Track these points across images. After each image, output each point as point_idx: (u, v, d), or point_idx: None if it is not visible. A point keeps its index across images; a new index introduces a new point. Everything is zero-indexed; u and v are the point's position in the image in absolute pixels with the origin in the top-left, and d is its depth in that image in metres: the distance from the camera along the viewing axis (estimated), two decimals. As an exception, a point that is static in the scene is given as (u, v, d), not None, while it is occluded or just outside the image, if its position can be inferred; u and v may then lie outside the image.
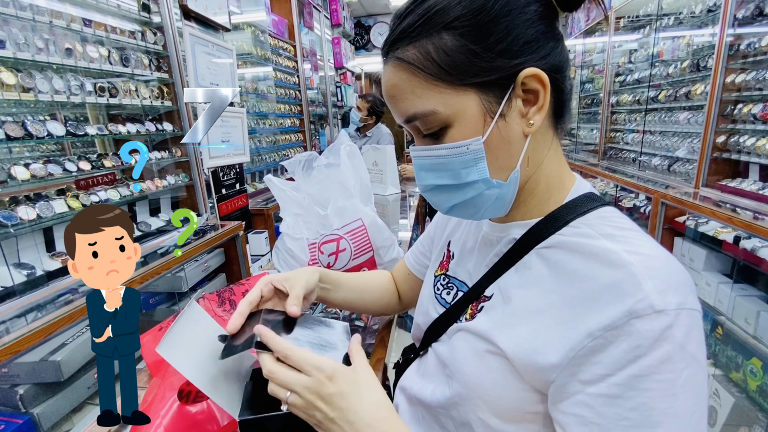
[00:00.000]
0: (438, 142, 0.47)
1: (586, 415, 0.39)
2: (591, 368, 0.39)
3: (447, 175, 0.47)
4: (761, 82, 1.85)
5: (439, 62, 0.43)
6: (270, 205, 2.57)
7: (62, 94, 1.36)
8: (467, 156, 0.45)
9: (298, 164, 1.14)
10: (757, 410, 1.47)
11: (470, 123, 0.44)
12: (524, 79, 0.43)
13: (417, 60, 0.44)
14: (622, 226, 0.45)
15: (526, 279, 0.48)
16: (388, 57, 0.47)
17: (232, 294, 0.71)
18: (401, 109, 0.47)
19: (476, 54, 0.43)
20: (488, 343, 0.48)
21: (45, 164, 1.32)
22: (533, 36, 0.43)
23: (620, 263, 0.40)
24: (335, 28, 5.09)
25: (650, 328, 0.37)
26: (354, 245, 1.08)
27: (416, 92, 0.45)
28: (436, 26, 0.43)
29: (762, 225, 1.49)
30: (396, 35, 0.46)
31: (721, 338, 1.72)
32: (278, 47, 3.32)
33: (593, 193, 0.51)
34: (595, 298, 0.40)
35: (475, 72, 0.43)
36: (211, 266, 1.92)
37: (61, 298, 1.20)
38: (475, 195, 0.47)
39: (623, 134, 3.44)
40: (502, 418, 0.47)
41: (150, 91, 1.73)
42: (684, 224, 2.09)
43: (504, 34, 0.42)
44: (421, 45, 0.44)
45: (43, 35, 1.32)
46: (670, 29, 2.74)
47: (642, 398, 0.37)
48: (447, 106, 0.44)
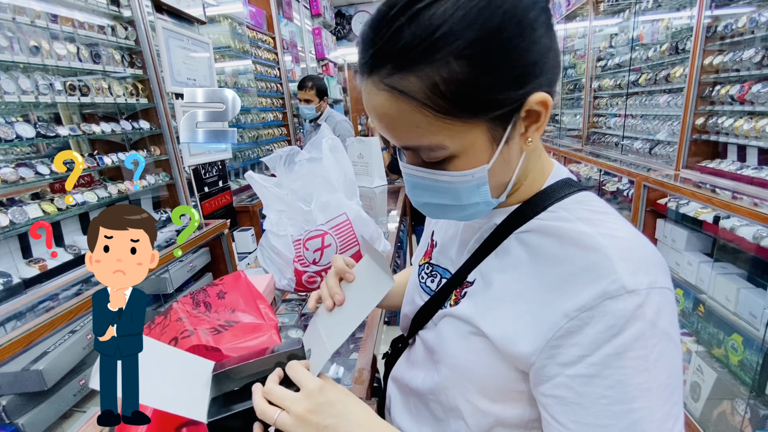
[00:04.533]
0: (439, 168, 0.44)
1: (566, 396, 0.40)
2: (569, 350, 0.40)
3: (447, 197, 0.46)
4: (738, 63, 1.88)
5: (450, 98, 0.38)
6: (255, 202, 2.54)
7: (30, 94, 1.30)
8: (471, 183, 0.44)
9: (279, 160, 1.12)
10: (739, 384, 1.52)
11: (478, 153, 0.42)
12: (531, 105, 0.41)
13: (423, 95, 0.38)
14: (598, 210, 0.46)
15: (505, 263, 0.49)
16: (376, 79, 0.40)
17: (206, 296, 0.70)
18: (399, 139, 0.44)
19: (490, 86, 0.38)
20: (471, 326, 0.49)
21: (16, 168, 1.28)
22: (539, 55, 0.40)
23: (595, 246, 0.41)
24: (315, 18, 5.00)
25: (623, 308, 0.38)
26: (339, 240, 1.07)
27: (421, 127, 0.40)
28: (444, 53, 0.37)
29: (741, 204, 1.53)
30: (389, 56, 0.38)
31: (703, 316, 1.76)
32: (257, 39, 3.25)
33: (570, 178, 0.51)
34: (571, 281, 0.41)
35: (488, 106, 0.39)
36: (196, 266, 1.89)
37: (41, 305, 1.17)
38: (473, 212, 0.48)
39: (606, 119, 3.47)
40: (489, 399, 0.48)
41: (124, 89, 1.68)
42: (666, 206, 2.13)
43: (516, 60, 0.39)
44: (426, 75, 0.37)
45: (6, 33, 1.26)
46: (649, 12, 2.75)
47: (618, 376, 0.38)
48: (455, 141, 0.41)
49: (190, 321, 0.64)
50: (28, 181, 1.29)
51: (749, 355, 1.48)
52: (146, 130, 1.80)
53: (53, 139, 1.40)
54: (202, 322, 0.64)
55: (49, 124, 1.40)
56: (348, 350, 0.90)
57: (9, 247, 1.29)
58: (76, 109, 1.65)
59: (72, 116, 1.64)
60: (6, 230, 1.21)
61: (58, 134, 1.40)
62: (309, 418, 0.44)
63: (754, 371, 1.45)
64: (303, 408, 0.44)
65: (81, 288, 1.26)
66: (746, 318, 1.53)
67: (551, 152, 4.20)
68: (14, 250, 1.31)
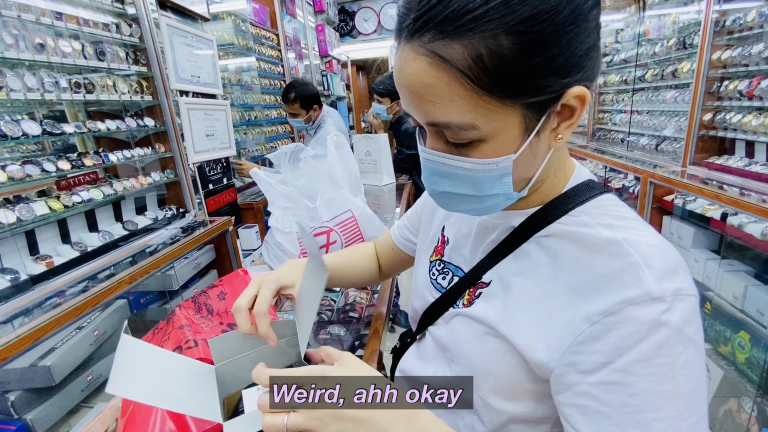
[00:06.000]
0: (463, 152, 0.42)
1: (588, 405, 0.39)
2: (591, 357, 0.39)
3: (466, 186, 0.44)
4: (747, 57, 1.86)
5: (493, 73, 0.36)
6: (259, 199, 2.54)
7: (36, 91, 1.31)
8: (494, 172, 0.42)
9: (284, 156, 1.12)
10: (746, 382, 1.51)
11: (507, 141, 0.40)
12: (569, 98, 0.39)
13: (466, 65, 0.36)
14: (620, 215, 0.45)
15: (525, 267, 0.48)
16: (417, 44, 0.37)
17: (207, 298, 0.70)
18: (429, 113, 0.40)
19: (535, 69, 0.36)
20: (489, 327, 0.48)
21: (22, 165, 1.28)
22: (587, 49, 0.39)
23: (619, 254, 0.40)
24: (318, 14, 4.98)
25: (647, 314, 0.37)
26: (344, 237, 1.07)
27: (456, 101, 0.38)
28: (494, 25, 0.34)
29: (748, 201, 1.51)
30: (436, 20, 0.36)
31: (710, 313, 1.75)
32: (261, 36, 3.24)
33: (592, 180, 0.50)
34: (594, 287, 0.41)
35: (529, 89, 0.37)
36: (201, 263, 1.89)
37: (48, 302, 1.17)
38: (491, 204, 0.45)
39: (611, 115, 3.44)
40: (503, 397, 0.48)
41: (129, 86, 1.68)
42: (672, 203, 2.11)
43: (565, 47, 0.36)
44: (473, 45, 0.35)
45: (11, 30, 1.26)
46: (656, 7, 2.72)
47: (643, 383, 0.37)
48: (488, 122, 0.39)
49: (193, 329, 0.64)
50: (34, 178, 1.30)
51: (756, 352, 1.47)
52: (151, 128, 1.80)
53: (59, 136, 1.40)
54: (204, 330, 0.64)
55: (55, 122, 1.40)
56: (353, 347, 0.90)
57: (16, 244, 1.30)
58: (82, 107, 1.66)
59: (77, 114, 1.65)
60: (13, 227, 1.22)
61: (63, 131, 1.40)
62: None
63: (761, 369, 1.44)
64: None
65: (87, 285, 1.27)
66: (754, 315, 1.52)
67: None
68: (21, 247, 1.32)
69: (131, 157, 1.69)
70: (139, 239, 1.63)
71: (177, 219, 1.89)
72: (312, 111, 2.39)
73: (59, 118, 1.51)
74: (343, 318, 0.95)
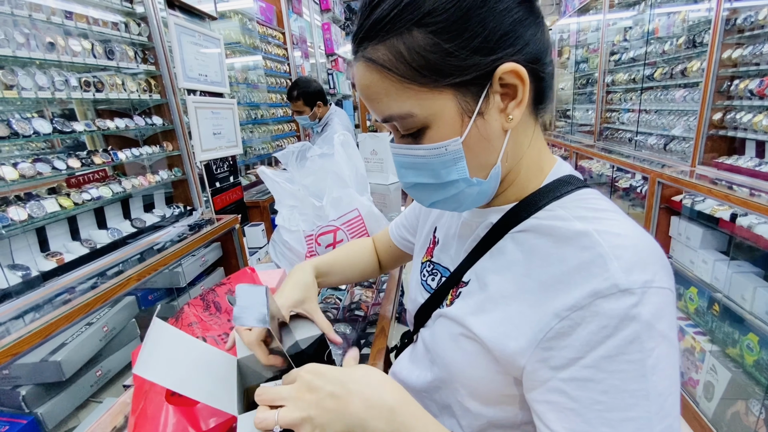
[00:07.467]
0: (417, 142, 0.45)
1: (559, 401, 0.38)
2: (561, 353, 0.39)
3: (427, 174, 0.46)
4: (758, 56, 1.83)
5: (412, 64, 0.40)
6: (265, 197, 2.55)
7: (46, 90, 1.32)
8: (446, 157, 0.44)
9: (291, 155, 1.13)
10: (754, 384, 1.49)
11: (448, 124, 0.42)
12: (502, 75, 0.41)
13: (388, 62, 0.41)
14: (597, 207, 0.44)
15: (500, 264, 0.48)
16: (358, 55, 0.44)
17: (215, 296, 0.71)
18: (377, 110, 0.46)
19: (450, 53, 0.40)
20: (463, 327, 0.48)
21: (33, 163, 1.30)
22: (510, 27, 0.41)
23: (588, 245, 0.40)
24: (325, 13, 4.98)
25: (615, 308, 0.36)
26: (351, 235, 1.07)
27: (390, 95, 0.43)
28: (407, 23, 0.40)
29: (758, 202, 1.49)
30: (364, 31, 0.42)
31: (718, 315, 1.73)
32: (267, 35, 3.25)
33: (572, 175, 0.50)
34: (563, 281, 0.40)
35: (450, 72, 0.40)
36: (208, 260, 1.91)
37: (58, 298, 1.19)
38: (456, 193, 0.46)
39: (619, 114, 3.41)
40: (480, 401, 0.47)
41: (137, 85, 1.69)
42: (680, 203, 2.09)
43: (479, 29, 0.39)
44: (392, 44, 0.41)
45: (23, 29, 1.28)
46: (665, 5, 2.69)
47: (612, 380, 0.36)
48: (423, 108, 0.42)
49: (201, 326, 0.65)
50: (45, 176, 1.32)
51: (765, 355, 1.46)
52: (159, 126, 1.81)
53: (69, 134, 1.42)
54: (212, 327, 0.65)
55: (65, 120, 1.42)
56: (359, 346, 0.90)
57: (27, 241, 1.32)
58: (91, 105, 1.68)
59: (86, 112, 1.67)
60: (24, 224, 1.24)
61: (74, 130, 1.42)
62: (307, 398, 0.40)
63: (770, 371, 1.42)
64: (296, 392, 0.41)
65: (97, 281, 1.28)
66: (763, 317, 1.50)
67: (562, 148, 4.15)
68: (32, 244, 1.34)
69: (139, 155, 1.70)
70: (147, 236, 1.65)
71: (184, 217, 1.91)
72: (316, 107, 2.40)
73: (69, 117, 1.52)
74: (349, 316, 0.96)
